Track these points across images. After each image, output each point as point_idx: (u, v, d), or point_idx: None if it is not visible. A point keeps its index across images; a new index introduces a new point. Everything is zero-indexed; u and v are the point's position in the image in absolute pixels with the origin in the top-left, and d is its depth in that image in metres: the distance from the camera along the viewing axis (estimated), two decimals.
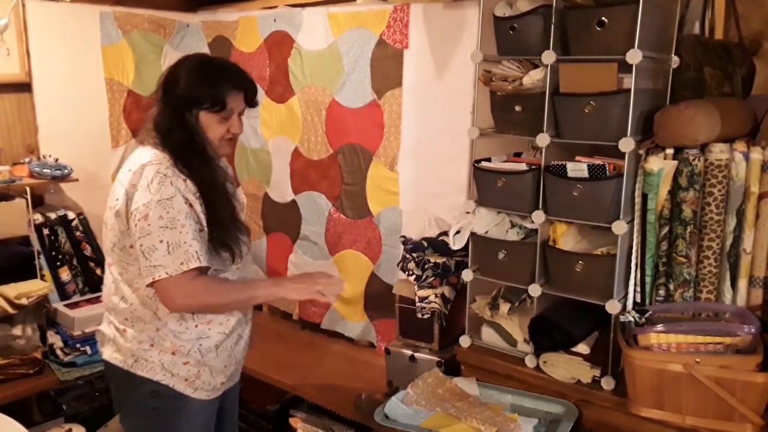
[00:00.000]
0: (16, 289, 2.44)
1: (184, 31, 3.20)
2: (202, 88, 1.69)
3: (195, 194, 1.65)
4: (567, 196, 1.80)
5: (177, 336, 1.70)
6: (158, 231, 1.58)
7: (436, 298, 2.18)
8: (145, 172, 1.63)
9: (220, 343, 1.74)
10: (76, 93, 2.90)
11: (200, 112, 1.70)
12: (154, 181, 1.61)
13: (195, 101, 1.69)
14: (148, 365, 1.70)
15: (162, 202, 1.59)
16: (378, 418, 1.87)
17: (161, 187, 1.60)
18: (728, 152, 1.67)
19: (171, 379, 1.70)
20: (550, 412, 1.86)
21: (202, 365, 1.73)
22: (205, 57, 1.89)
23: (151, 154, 1.67)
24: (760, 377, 1.53)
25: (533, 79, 1.84)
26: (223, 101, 1.70)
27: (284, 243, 3.02)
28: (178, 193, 1.61)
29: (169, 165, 1.64)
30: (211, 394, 1.78)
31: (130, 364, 1.71)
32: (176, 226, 1.59)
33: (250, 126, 3.03)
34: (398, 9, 2.42)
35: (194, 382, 1.72)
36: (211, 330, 1.73)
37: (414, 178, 2.52)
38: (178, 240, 1.59)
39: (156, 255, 1.58)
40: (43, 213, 2.75)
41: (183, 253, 1.58)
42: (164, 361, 1.70)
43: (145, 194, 1.60)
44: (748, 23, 1.93)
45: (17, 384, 2.38)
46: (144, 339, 1.70)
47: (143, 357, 1.70)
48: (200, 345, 1.72)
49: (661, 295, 1.78)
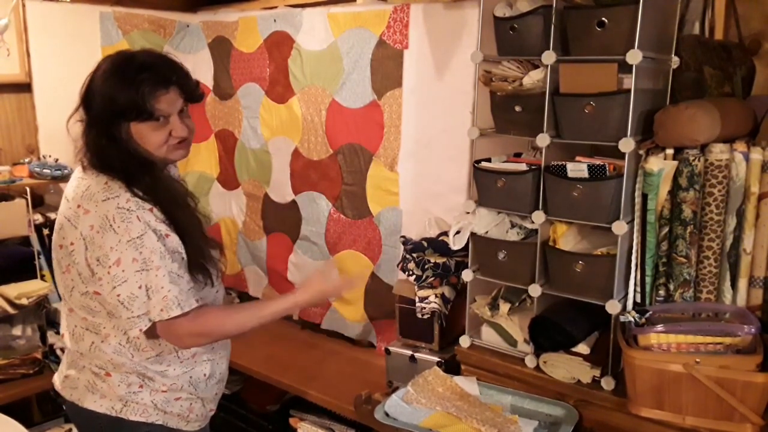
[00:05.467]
0: (16, 289, 2.45)
1: (184, 31, 3.20)
2: (121, 96, 1.43)
3: (165, 222, 1.45)
4: (567, 197, 1.80)
5: (164, 375, 1.56)
6: (134, 276, 1.40)
7: (436, 298, 2.18)
8: (101, 209, 1.42)
9: (208, 371, 1.63)
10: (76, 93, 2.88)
11: (130, 124, 1.45)
12: (116, 218, 1.40)
13: (117, 114, 1.44)
14: (139, 408, 1.55)
15: (132, 242, 1.39)
16: (378, 416, 1.87)
17: (127, 224, 1.40)
18: (728, 152, 1.67)
19: (164, 417, 1.58)
20: (550, 415, 1.86)
21: (194, 398, 1.63)
22: (120, 58, 1.52)
23: (100, 184, 1.45)
24: (760, 377, 1.53)
25: (533, 80, 1.84)
26: (147, 108, 1.44)
27: (284, 243, 3.02)
28: (147, 229, 1.41)
29: (128, 197, 1.42)
30: (203, 424, 1.70)
31: (118, 409, 1.54)
32: (151, 268, 1.40)
33: (250, 126, 3.04)
34: (398, 9, 2.42)
35: (188, 416, 1.63)
36: (196, 360, 1.61)
37: (414, 178, 2.52)
38: (156, 284, 1.41)
39: (137, 303, 1.41)
40: (43, 213, 2.75)
41: (162, 299, 1.41)
42: (156, 400, 1.56)
43: (110, 236, 1.40)
44: (748, 23, 1.93)
45: (17, 384, 2.38)
46: (133, 381, 1.54)
47: (133, 400, 1.55)
48: (190, 377, 1.60)
49: (661, 295, 1.78)
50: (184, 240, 1.48)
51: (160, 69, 1.48)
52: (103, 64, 1.50)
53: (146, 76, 1.44)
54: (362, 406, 2.13)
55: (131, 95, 1.43)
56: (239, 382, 2.93)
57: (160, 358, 1.55)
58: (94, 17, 2.93)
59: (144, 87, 1.43)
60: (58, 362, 2.47)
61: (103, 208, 1.42)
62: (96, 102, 1.46)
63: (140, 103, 1.43)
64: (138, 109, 1.43)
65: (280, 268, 3.06)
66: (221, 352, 1.69)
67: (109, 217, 1.41)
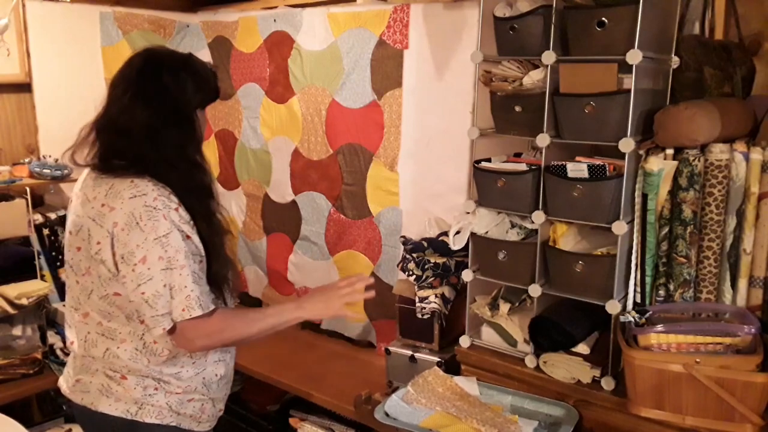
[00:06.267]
0: (16, 289, 2.45)
1: (184, 31, 3.20)
2: (206, 86, 1.57)
3: (189, 223, 1.48)
4: (567, 197, 1.80)
5: (178, 377, 1.58)
6: (160, 274, 1.41)
7: (436, 298, 2.18)
8: (127, 207, 1.43)
9: (220, 372, 1.66)
10: (76, 93, 2.90)
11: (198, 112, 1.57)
12: (143, 216, 1.41)
13: (199, 102, 1.56)
14: (155, 410, 1.56)
15: (158, 240, 1.41)
16: (378, 416, 1.87)
17: (153, 222, 1.41)
18: (728, 152, 1.67)
19: (178, 419, 1.60)
20: (550, 415, 1.86)
21: (206, 399, 1.65)
22: (178, 54, 1.61)
23: (125, 183, 1.46)
24: (760, 377, 1.53)
25: (533, 80, 1.84)
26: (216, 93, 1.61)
27: (284, 243, 3.02)
28: (173, 228, 1.43)
29: (155, 195, 1.44)
30: (213, 424, 1.73)
31: (133, 412, 1.55)
32: (176, 267, 1.42)
33: (250, 126, 3.04)
34: (398, 9, 2.42)
35: (200, 416, 1.65)
36: (208, 361, 1.62)
37: (414, 178, 2.52)
38: (179, 283, 1.43)
39: (161, 302, 1.42)
40: (43, 213, 2.76)
41: (185, 299, 1.43)
42: (171, 402, 1.58)
43: (136, 234, 1.41)
44: (748, 23, 1.93)
45: (17, 384, 2.38)
46: (149, 384, 1.56)
47: (149, 403, 1.56)
48: (203, 379, 1.62)
49: (661, 295, 1.78)
50: (208, 250, 1.51)
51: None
52: (161, 59, 1.55)
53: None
54: (362, 406, 2.13)
55: (210, 84, 1.57)
56: (239, 382, 2.93)
57: (174, 360, 1.56)
58: (94, 17, 2.93)
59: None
60: (58, 362, 2.48)
61: (129, 205, 1.43)
62: (175, 92, 1.50)
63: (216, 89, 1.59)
64: (216, 90, 1.59)
65: (280, 268, 3.06)
66: (231, 353, 1.71)
67: (135, 214, 1.42)
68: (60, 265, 2.74)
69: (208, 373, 1.63)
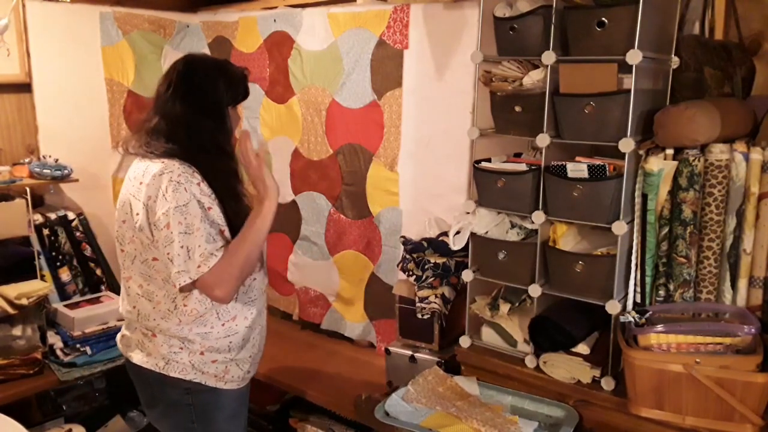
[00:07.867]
0: (16, 290, 2.44)
1: (184, 31, 3.20)
2: (240, 85, 1.80)
3: (211, 197, 1.69)
4: (567, 197, 1.80)
5: (205, 337, 1.75)
6: (179, 237, 1.63)
7: (436, 298, 2.18)
8: (156, 182, 1.66)
9: (247, 336, 1.82)
10: (76, 93, 2.90)
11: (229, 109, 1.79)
12: (169, 189, 1.64)
13: (228, 100, 1.78)
14: (179, 366, 1.76)
15: (179, 209, 1.63)
16: (378, 415, 1.87)
17: (176, 194, 1.64)
18: (728, 153, 1.67)
19: (202, 377, 1.77)
20: (550, 416, 1.86)
21: (230, 361, 1.80)
22: (214, 60, 1.88)
23: (157, 164, 1.69)
24: (760, 377, 1.53)
25: (533, 80, 1.84)
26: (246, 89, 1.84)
27: (284, 243, 3.02)
28: (193, 199, 1.65)
29: (180, 172, 1.66)
30: (241, 384, 1.86)
31: (161, 366, 1.77)
32: (192, 231, 1.63)
33: (250, 126, 3.04)
34: (398, 9, 2.42)
35: (224, 377, 1.80)
36: (237, 326, 1.79)
37: (414, 178, 2.52)
38: (193, 244, 1.63)
39: (179, 261, 1.63)
40: (43, 213, 2.75)
41: (199, 256, 1.63)
42: (194, 361, 1.76)
43: (162, 203, 1.64)
44: (748, 23, 1.93)
45: (17, 384, 2.38)
46: (174, 343, 1.76)
47: (174, 359, 1.76)
48: (230, 342, 1.78)
49: (661, 295, 1.78)
50: (230, 224, 1.72)
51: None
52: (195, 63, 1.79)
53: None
54: (362, 406, 2.13)
55: (240, 85, 1.81)
56: None
57: (203, 320, 1.74)
58: (94, 17, 2.92)
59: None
60: (59, 362, 2.48)
61: (159, 180, 1.66)
62: (211, 91, 1.75)
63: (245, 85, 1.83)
64: (245, 90, 1.82)
65: (280, 268, 3.06)
66: (259, 313, 1.86)
67: (162, 188, 1.65)
68: (60, 266, 2.74)
69: (236, 337, 1.79)
